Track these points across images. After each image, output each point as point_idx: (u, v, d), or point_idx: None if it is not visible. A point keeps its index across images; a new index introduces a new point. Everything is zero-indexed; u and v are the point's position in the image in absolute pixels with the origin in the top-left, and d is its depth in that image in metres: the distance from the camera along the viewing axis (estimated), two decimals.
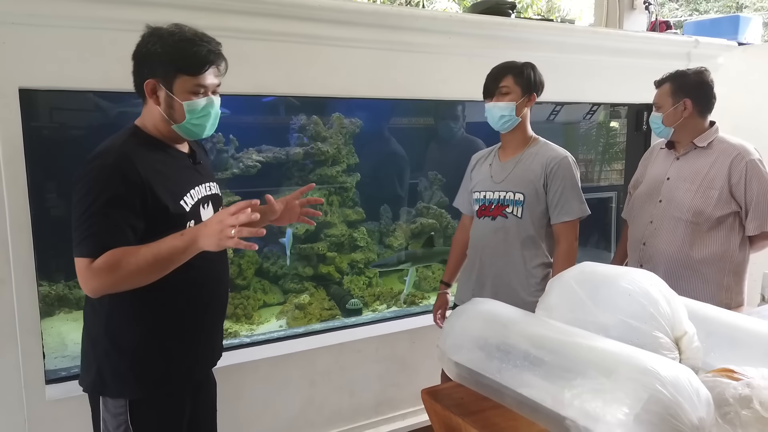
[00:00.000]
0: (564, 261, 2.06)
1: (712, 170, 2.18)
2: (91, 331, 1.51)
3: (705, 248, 2.19)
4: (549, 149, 2.14)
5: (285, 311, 3.08)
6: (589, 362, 1.08)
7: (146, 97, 1.47)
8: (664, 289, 1.26)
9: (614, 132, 4.11)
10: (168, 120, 1.47)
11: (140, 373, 1.48)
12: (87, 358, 1.52)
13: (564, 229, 2.09)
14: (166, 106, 1.45)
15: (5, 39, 1.84)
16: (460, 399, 1.31)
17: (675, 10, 13.11)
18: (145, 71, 1.44)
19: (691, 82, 2.21)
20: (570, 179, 2.08)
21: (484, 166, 2.25)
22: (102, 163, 1.38)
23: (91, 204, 1.35)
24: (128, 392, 1.47)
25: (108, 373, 1.47)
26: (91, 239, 1.35)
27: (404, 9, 3.02)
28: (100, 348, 1.48)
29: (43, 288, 2.67)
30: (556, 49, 2.87)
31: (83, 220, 1.35)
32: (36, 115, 2.48)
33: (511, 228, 2.11)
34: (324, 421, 2.65)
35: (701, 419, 0.96)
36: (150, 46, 1.43)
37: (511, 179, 2.12)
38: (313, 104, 3.38)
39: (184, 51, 1.42)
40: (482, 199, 2.19)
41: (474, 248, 2.25)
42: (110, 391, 1.48)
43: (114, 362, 1.47)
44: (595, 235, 4.23)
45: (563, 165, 2.08)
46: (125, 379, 1.47)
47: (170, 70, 1.42)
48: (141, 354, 1.48)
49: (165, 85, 1.43)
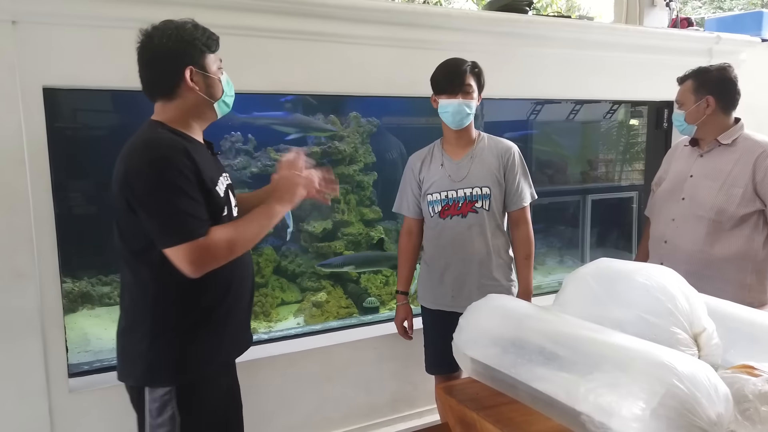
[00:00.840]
0: (528, 242, 2.22)
1: (736, 168, 2.14)
2: (133, 325, 1.54)
3: (727, 247, 2.15)
4: (497, 142, 2.23)
5: (302, 309, 3.11)
6: (604, 357, 1.07)
7: (176, 91, 1.49)
8: (683, 285, 1.24)
9: (635, 130, 4.06)
10: (209, 100, 1.52)
11: (184, 360, 1.52)
12: (129, 352, 1.55)
13: (522, 214, 2.22)
14: (205, 86, 1.51)
15: (29, 38, 1.88)
16: (475, 394, 1.31)
17: (698, 8, 12.90)
18: (179, 63, 1.47)
19: (713, 78, 2.17)
20: (522, 167, 2.22)
21: (434, 166, 2.22)
22: (162, 155, 1.41)
23: (170, 193, 1.39)
24: (174, 379, 1.51)
25: (154, 363, 1.51)
26: (190, 222, 1.40)
27: (420, 6, 3.03)
28: (145, 341, 1.50)
29: (67, 285, 2.73)
30: (574, 46, 2.84)
31: (168, 208, 1.39)
32: (59, 114, 2.53)
33: (483, 221, 2.16)
34: (340, 417, 2.66)
35: (719, 415, 0.95)
36: (173, 40, 1.46)
37: (473, 175, 2.16)
38: (331, 103, 3.40)
39: (200, 33, 1.49)
40: (444, 199, 2.18)
41: (444, 248, 2.21)
42: (157, 380, 1.51)
43: (159, 352, 1.50)
44: (616, 234, 4.19)
45: (516, 155, 2.20)
46: (171, 367, 1.51)
47: (198, 52, 1.49)
48: (184, 342, 1.52)
49: (199, 68, 1.49)
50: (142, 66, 1.50)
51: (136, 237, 1.46)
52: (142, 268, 1.49)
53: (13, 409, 2.00)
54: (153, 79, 1.50)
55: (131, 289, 1.54)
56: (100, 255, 2.96)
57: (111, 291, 3.02)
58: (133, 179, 1.41)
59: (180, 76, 1.47)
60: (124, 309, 1.57)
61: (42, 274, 1.99)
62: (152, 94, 1.53)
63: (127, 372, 1.56)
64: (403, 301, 2.35)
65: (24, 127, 1.90)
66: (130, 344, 1.54)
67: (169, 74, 1.48)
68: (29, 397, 2.02)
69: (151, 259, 1.45)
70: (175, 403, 1.50)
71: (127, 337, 1.56)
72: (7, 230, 1.92)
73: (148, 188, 1.40)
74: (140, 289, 1.51)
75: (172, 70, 1.47)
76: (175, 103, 1.51)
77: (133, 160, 1.42)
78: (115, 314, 2.87)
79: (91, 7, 1.93)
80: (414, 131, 3.70)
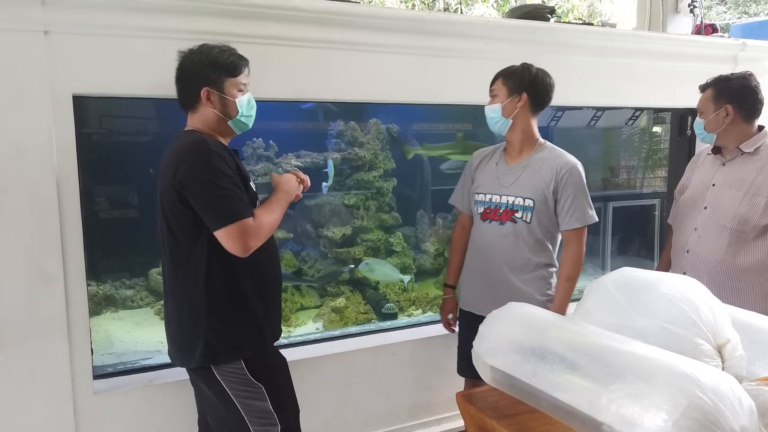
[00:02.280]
0: (572, 264, 2.09)
1: (759, 176, 2.12)
2: (191, 313, 1.71)
3: (750, 257, 2.12)
4: (558, 155, 2.11)
5: (321, 314, 3.12)
6: (626, 367, 1.07)
7: (198, 105, 1.72)
8: (707, 295, 1.23)
9: (657, 137, 4.02)
10: (224, 118, 1.74)
11: (244, 335, 1.73)
12: (188, 338, 1.72)
13: (574, 235, 2.10)
14: (221, 106, 1.72)
15: (60, 48, 1.93)
16: (495, 402, 1.31)
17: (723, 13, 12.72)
18: (197, 83, 1.70)
19: (733, 87, 2.15)
20: (580, 187, 2.08)
21: (489, 166, 2.22)
22: (209, 148, 1.62)
23: (220, 180, 1.60)
24: (241, 353, 1.72)
25: (219, 343, 1.70)
26: (239, 205, 1.61)
27: (441, 15, 3.04)
28: (203, 324, 1.69)
29: (91, 288, 2.77)
30: (597, 53, 2.83)
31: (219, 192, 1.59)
32: (87, 121, 2.59)
33: (521, 233, 2.10)
34: (359, 423, 2.66)
35: (743, 427, 0.94)
36: (197, 62, 1.70)
37: (520, 184, 2.11)
38: (351, 110, 3.42)
39: (224, 59, 1.72)
40: (487, 202, 2.17)
41: (480, 252, 2.21)
42: (225, 357, 1.71)
43: (223, 331, 1.70)
44: (638, 242, 4.13)
45: (574, 172, 2.07)
46: (235, 343, 1.72)
47: (218, 76, 1.71)
48: (241, 320, 1.73)
49: (216, 89, 1.71)
50: (176, 81, 1.75)
51: (187, 231, 1.65)
52: (197, 261, 1.67)
53: (39, 411, 2.05)
54: (180, 94, 1.76)
55: (186, 284, 1.70)
56: (123, 258, 3.02)
57: (134, 294, 3.06)
58: (185, 173, 1.60)
59: (198, 94, 1.70)
60: (179, 300, 1.74)
61: (69, 277, 2.03)
62: (182, 106, 1.77)
63: (186, 357, 1.75)
64: (448, 295, 2.38)
65: (54, 134, 1.95)
66: (186, 331, 1.73)
67: (190, 91, 1.72)
68: (55, 398, 2.07)
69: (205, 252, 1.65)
70: (246, 372, 1.71)
71: (181, 326, 1.74)
72: (38, 234, 1.97)
73: (201, 177, 1.59)
74: (195, 282, 1.68)
75: (192, 88, 1.71)
76: (197, 116, 1.75)
77: (184, 157, 1.62)
78: (138, 317, 2.95)
79: (120, 18, 1.98)
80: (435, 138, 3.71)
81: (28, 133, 1.92)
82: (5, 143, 1.90)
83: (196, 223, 1.63)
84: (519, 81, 2.07)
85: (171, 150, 1.69)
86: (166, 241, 1.71)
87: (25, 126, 1.91)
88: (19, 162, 1.92)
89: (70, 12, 1.92)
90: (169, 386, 2.23)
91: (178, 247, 1.69)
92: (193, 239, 1.66)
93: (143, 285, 3.11)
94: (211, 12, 2.08)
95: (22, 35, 1.88)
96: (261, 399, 1.73)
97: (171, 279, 1.75)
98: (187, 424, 2.14)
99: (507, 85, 2.09)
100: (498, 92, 2.11)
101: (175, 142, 1.71)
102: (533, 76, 2.08)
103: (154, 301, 3.04)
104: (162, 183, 1.68)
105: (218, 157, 1.61)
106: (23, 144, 1.92)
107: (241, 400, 1.72)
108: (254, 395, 1.73)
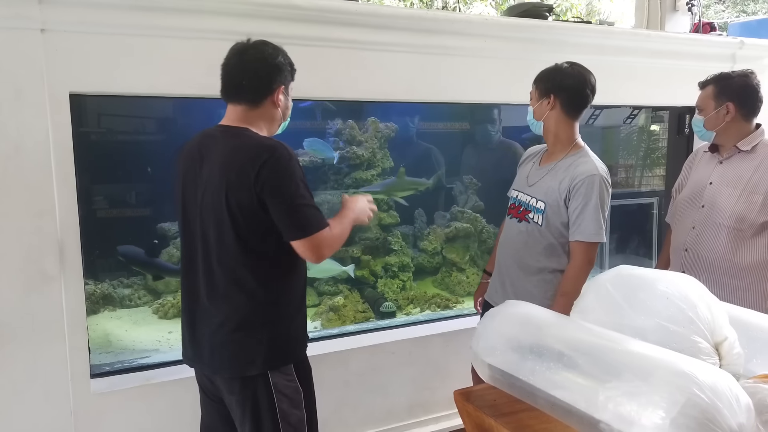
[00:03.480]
0: (571, 279, 1.98)
1: (756, 174, 2.12)
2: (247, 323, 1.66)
3: (749, 255, 2.13)
4: (583, 162, 2.01)
5: (319, 313, 3.12)
6: (624, 365, 1.07)
7: (263, 102, 1.67)
8: (704, 293, 1.23)
9: (655, 136, 4.02)
10: (281, 119, 1.74)
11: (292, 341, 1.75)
12: (244, 347, 1.66)
13: (578, 247, 2.00)
14: (285, 107, 1.73)
15: (57, 46, 1.92)
16: (492, 401, 1.30)
17: (721, 12, 12.73)
18: (278, 78, 1.67)
19: (734, 85, 2.14)
20: (591, 199, 1.95)
21: (529, 164, 2.22)
22: (289, 154, 1.59)
23: (303, 189, 1.60)
24: (292, 357, 1.75)
25: (275, 349, 1.69)
26: (319, 216, 1.62)
27: (440, 13, 3.04)
28: (259, 333, 1.66)
29: (89, 287, 2.77)
30: (595, 51, 2.83)
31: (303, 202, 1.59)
32: (84, 119, 2.59)
33: (532, 233, 2.08)
34: (357, 421, 2.67)
35: (741, 425, 0.94)
36: (281, 59, 1.68)
37: (539, 186, 2.09)
38: (349, 108, 3.42)
39: (290, 61, 1.72)
40: (514, 198, 2.19)
41: (501, 246, 2.26)
42: (281, 361, 1.71)
43: (276, 339, 1.69)
44: (636, 241, 4.14)
45: (588, 183, 1.96)
46: (287, 349, 1.73)
47: (290, 76, 1.72)
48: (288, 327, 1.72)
49: (286, 90, 1.72)
50: (240, 69, 1.65)
51: (258, 234, 1.61)
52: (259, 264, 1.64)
53: (37, 409, 2.05)
54: (248, 84, 1.65)
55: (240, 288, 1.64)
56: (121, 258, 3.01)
57: (132, 293, 3.06)
58: (271, 179, 1.55)
59: (272, 89, 1.66)
60: (234, 310, 1.66)
61: (66, 276, 2.03)
62: (239, 97, 1.67)
63: (245, 366, 1.66)
64: (484, 279, 2.43)
65: (51, 132, 1.94)
66: (240, 339, 1.66)
67: (265, 85, 1.66)
68: (53, 397, 2.06)
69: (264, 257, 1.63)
70: (295, 376, 1.74)
71: (235, 335, 1.66)
72: (35, 233, 1.96)
73: (286, 185, 1.57)
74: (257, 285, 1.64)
75: (269, 81, 1.66)
76: (258, 111, 1.67)
77: (269, 162, 1.55)
78: (136, 316, 2.95)
79: (117, 16, 1.97)
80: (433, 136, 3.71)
81: (25, 132, 1.91)
82: (2, 142, 1.90)
83: (270, 228, 1.59)
84: (548, 83, 2.03)
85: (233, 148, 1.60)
86: (222, 241, 1.61)
87: (22, 125, 1.91)
88: (17, 161, 1.92)
89: (67, 10, 1.91)
90: (167, 385, 2.23)
91: (243, 250, 1.60)
92: (262, 242, 1.61)
93: (141, 284, 3.11)
94: (209, 10, 2.07)
95: (19, 33, 1.87)
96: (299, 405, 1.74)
97: (227, 282, 1.64)
98: (184, 423, 2.14)
99: (538, 88, 2.06)
100: (533, 94, 2.10)
101: (232, 140, 1.62)
102: (563, 77, 2.02)
103: (152, 300, 3.04)
104: (228, 182, 1.56)
105: (299, 164, 1.60)
106: (20, 143, 1.91)
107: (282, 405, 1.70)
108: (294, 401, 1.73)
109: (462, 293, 3.47)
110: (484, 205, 3.73)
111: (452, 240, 3.63)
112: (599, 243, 2.01)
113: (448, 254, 3.60)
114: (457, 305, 3.36)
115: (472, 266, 3.62)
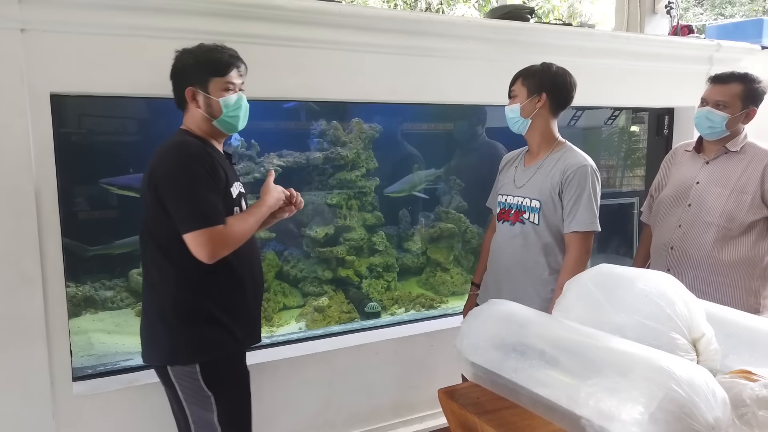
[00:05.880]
0: (568, 271, 1.96)
1: (744, 175, 2.14)
2: (158, 309, 1.73)
3: (734, 253, 2.16)
4: (570, 156, 2.04)
5: (304, 314, 3.12)
6: (604, 362, 1.09)
7: (188, 105, 1.74)
8: (682, 291, 1.26)
9: (636, 137, 4.08)
10: (209, 117, 1.73)
11: (206, 339, 1.72)
12: (154, 334, 1.75)
13: (574, 239, 2.00)
14: (205, 105, 1.72)
15: (37, 46, 1.90)
16: (476, 398, 1.32)
17: (699, 15, 12.94)
18: (184, 82, 1.71)
19: (760, 90, 2.13)
20: (585, 189, 1.98)
21: (512, 168, 2.22)
22: (188, 153, 1.64)
23: (195, 184, 1.61)
24: (198, 357, 1.70)
25: (180, 343, 1.70)
26: (211, 211, 1.61)
27: (422, 14, 3.05)
28: (169, 323, 1.70)
29: (70, 289, 2.74)
30: (576, 53, 2.86)
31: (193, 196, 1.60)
32: (65, 120, 2.56)
33: (528, 234, 2.07)
34: (342, 421, 2.67)
35: (717, 419, 0.96)
36: (184, 62, 1.71)
37: (530, 185, 2.09)
38: (334, 109, 3.42)
39: (211, 58, 1.72)
40: (503, 203, 2.18)
41: (493, 252, 2.24)
42: (183, 359, 1.71)
43: (184, 333, 1.70)
44: (617, 240, 4.19)
45: (580, 173, 1.98)
46: (194, 346, 1.71)
47: (203, 75, 1.71)
48: (205, 324, 1.72)
49: (201, 88, 1.71)
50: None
51: (162, 231, 1.66)
52: (168, 260, 1.68)
53: (18, 413, 2.02)
54: (174, 93, 1.76)
55: (156, 281, 1.73)
56: (103, 259, 2.98)
57: (114, 295, 3.03)
58: (162, 175, 1.62)
59: (183, 93, 1.72)
60: (150, 295, 1.76)
61: (47, 278, 2.00)
62: (177, 107, 1.79)
63: (149, 354, 1.78)
64: (473, 292, 2.40)
65: (31, 133, 1.92)
66: (151, 326, 1.75)
67: (178, 91, 1.74)
68: (34, 400, 2.04)
69: (176, 252, 1.64)
70: (200, 378, 1.70)
71: (150, 320, 1.76)
72: (14, 235, 1.94)
73: (176, 180, 1.61)
74: (165, 280, 1.70)
75: (179, 87, 1.74)
76: (188, 116, 1.77)
77: (163, 159, 1.65)
78: (119, 318, 2.93)
79: (98, 16, 1.96)
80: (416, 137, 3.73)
81: (4, 133, 1.89)
82: None
83: (171, 223, 1.64)
84: (539, 81, 2.03)
85: (158, 149, 1.71)
86: (144, 237, 1.75)
87: (1, 125, 1.89)
88: None
89: (47, 10, 1.89)
90: (150, 387, 2.21)
91: (153, 245, 1.71)
92: (166, 238, 1.67)
93: (123, 286, 3.08)
94: (191, 10, 2.06)
95: None
96: (208, 409, 1.72)
97: (145, 273, 1.78)
98: (168, 425, 2.11)
99: (527, 86, 2.05)
100: (518, 92, 2.07)
101: (165, 142, 1.73)
102: (553, 75, 2.04)
103: (134, 302, 3.01)
104: (144, 181, 1.70)
105: (195, 159, 1.63)
106: (0, 143, 1.89)
107: (189, 406, 1.73)
108: (202, 404, 1.72)
109: (446, 293, 3.50)
110: (467, 205, 3.76)
111: (436, 240, 3.65)
112: (594, 233, 2.02)
113: (433, 254, 3.62)
114: (442, 305, 3.37)
115: (456, 266, 3.65)
